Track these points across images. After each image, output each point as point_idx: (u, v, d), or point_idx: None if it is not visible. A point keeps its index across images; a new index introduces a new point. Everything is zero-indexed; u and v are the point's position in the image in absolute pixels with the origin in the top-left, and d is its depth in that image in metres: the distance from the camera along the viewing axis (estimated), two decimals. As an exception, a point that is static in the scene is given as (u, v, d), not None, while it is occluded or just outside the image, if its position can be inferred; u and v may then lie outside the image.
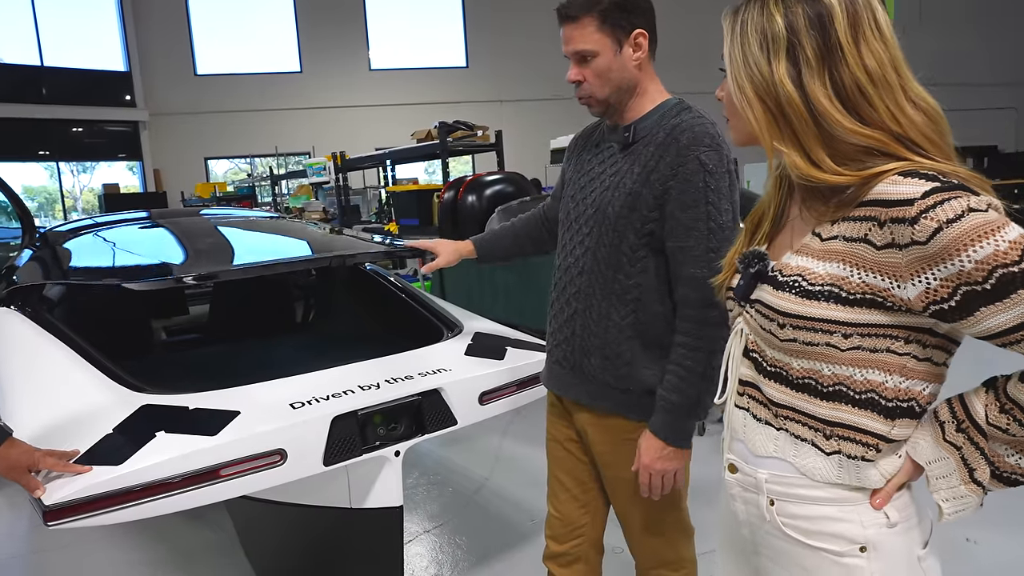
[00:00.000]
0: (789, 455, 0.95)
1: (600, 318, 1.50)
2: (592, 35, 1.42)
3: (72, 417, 1.68)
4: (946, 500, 0.88)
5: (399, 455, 1.83)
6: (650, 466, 1.44)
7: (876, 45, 0.86)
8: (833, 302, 0.86)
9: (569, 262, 1.56)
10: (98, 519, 1.43)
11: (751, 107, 0.90)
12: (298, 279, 3.69)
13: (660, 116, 1.46)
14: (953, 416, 0.88)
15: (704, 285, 1.35)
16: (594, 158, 1.57)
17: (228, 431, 1.60)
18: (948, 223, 0.76)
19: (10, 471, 1.37)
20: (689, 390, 1.40)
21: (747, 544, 1.04)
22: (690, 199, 1.37)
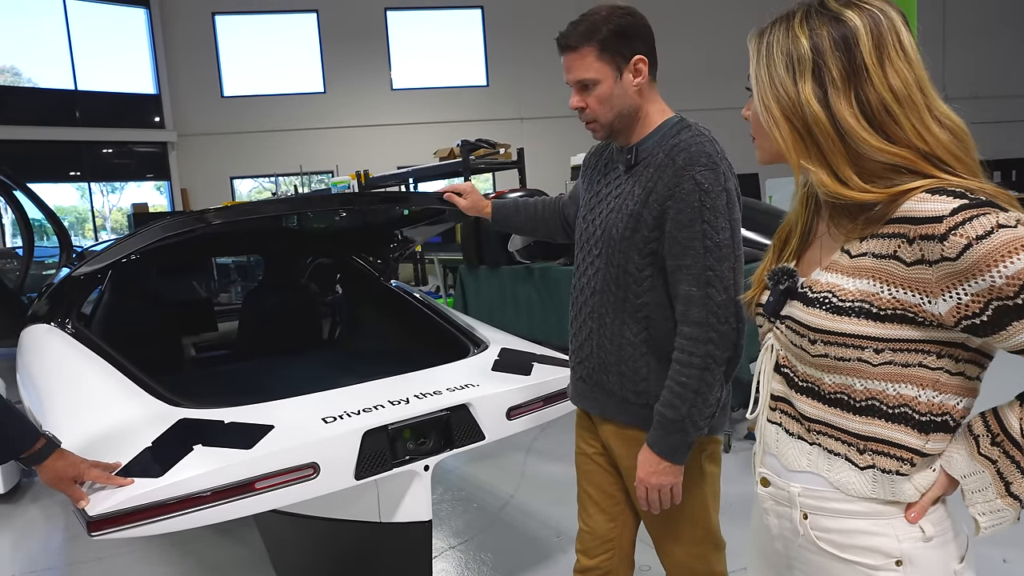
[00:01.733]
0: (822, 469, 0.96)
1: (614, 336, 1.53)
2: (592, 64, 1.46)
3: (112, 430, 1.73)
4: (983, 514, 0.88)
5: (428, 469, 1.85)
6: (646, 480, 1.47)
7: (901, 65, 0.87)
8: (864, 318, 0.87)
9: (583, 282, 1.60)
10: (139, 530, 1.47)
11: (778, 127, 0.92)
12: (325, 296, 3.76)
13: (660, 136, 1.49)
14: (987, 430, 0.88)
15: (699, 302, 1.39)
16: (603, 179, 1.61)
17: (263, 445, 1.64)
18: (978, 239, 0.78)
19: (58, 482, 1.42)
20: (682, 406, 1.41)
21: (780, 558, 1.04)
22: (686, 218, 1.39)
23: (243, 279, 5.60)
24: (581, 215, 1.64)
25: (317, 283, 3.89)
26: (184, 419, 1.74)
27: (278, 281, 3.77)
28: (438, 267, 6.21)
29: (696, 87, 14.20)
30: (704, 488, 1.57)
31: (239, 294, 5.22)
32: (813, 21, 0.90)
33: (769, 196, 10.24)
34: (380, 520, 1.88)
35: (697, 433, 1.45)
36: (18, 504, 3.59)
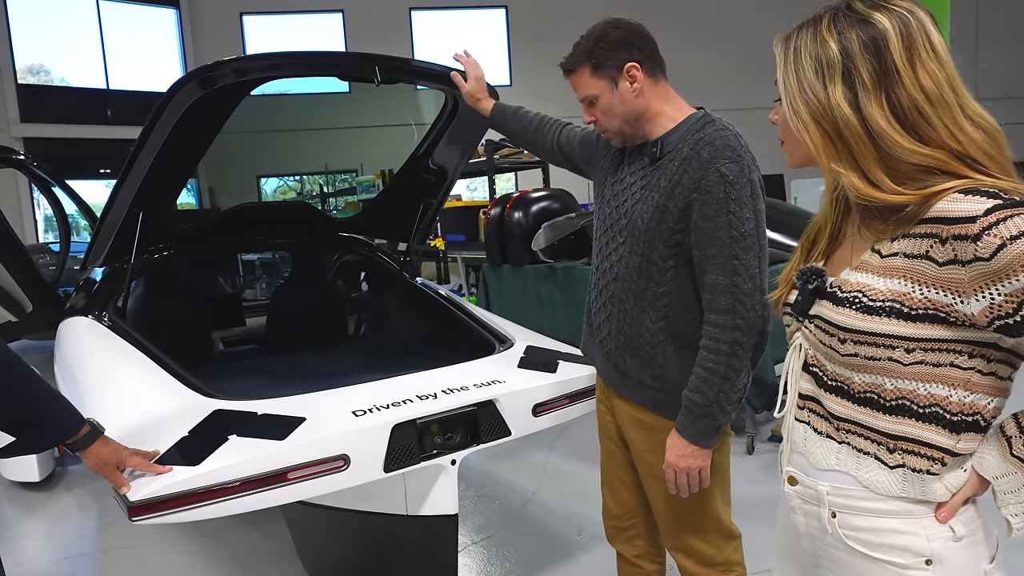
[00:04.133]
0: (851, 468, 0.96)
1: (633, 322, 1.59)
2: (589, 81, 1.57)
3: (150, 420, 1.78)
4: (1015, 515, 0.88)
5: (455, 464, 1.88)
6: (674, 464, 1.53)
7: (932, 66, 0.87)
8: (895, 317, 0.87)
9: (605, 267, 1.66)
10: (177, 516, 1.51)
11: (807, 131, 0.92)
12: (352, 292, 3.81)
13: (685, 131, 1.53)
14: (1020, 431, 0.87)
15: (726, 290, 1.44)
16: (627, 168, 1.65)
17: (296, 436, 1.68)
18: (1012, 240, 0.78)
19: (101, 467, 1.46)
20: (709, 391, 1.47)
21: (807, 557, 1.05)
22: (711, 210, 1.44)
23: (270, 275, 5.70)
24: (604, 199, 1.69)
25: (344, 280, 3.95)
26: (219, 410, 1.79)
27: (306, 277, 3.84)
28: (461, 266, 6.25)
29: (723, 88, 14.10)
30: (713, 478, 1.60)
31: (266, 290, 5.32)
32: (841, 24, 0.90)
33: (795, 197, 10.16)
34: (407, 513, 1.91)
35: (725, 418, 1.49)
36: (52, 492, 3.69)
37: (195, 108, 2.17)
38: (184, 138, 2.32)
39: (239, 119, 2.67)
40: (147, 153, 2.32)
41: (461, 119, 2.78)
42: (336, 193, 10.35)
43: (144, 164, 2.37)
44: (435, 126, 2.93)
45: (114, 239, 2.67)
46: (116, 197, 2.52)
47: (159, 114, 2.18)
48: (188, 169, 2.72)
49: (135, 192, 2.48)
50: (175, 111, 2.17)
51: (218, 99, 2.28)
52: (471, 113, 2.42)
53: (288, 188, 15.21)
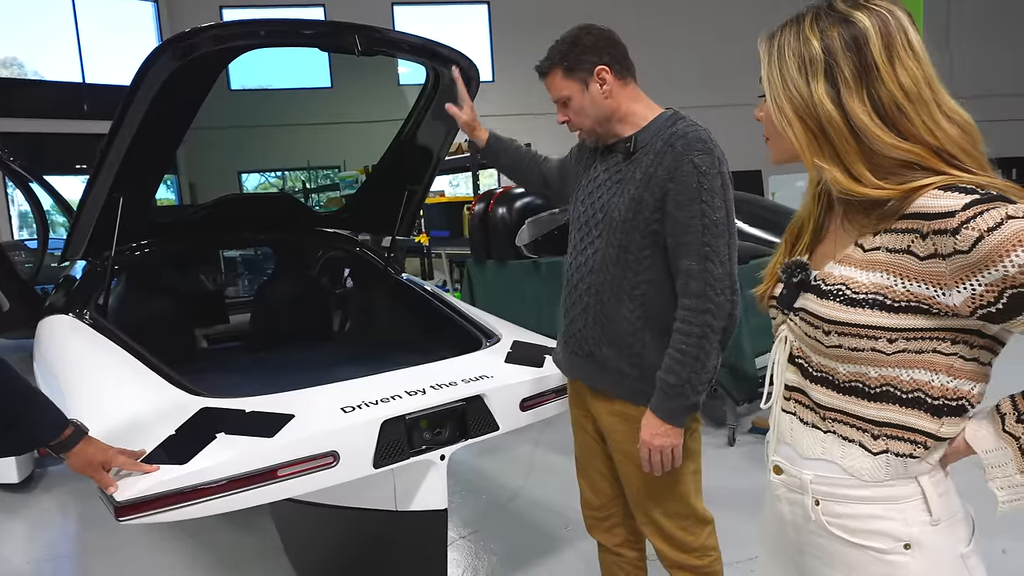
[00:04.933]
0: (836, 456, 0.98)
1: (611, 312, 1.64)
2: (561, 83, 1.66)
3: (135, 419, 1.76)
4: (1002, 488, 0.91)
5: (444, 459, 1.89)
6: (649, 442, 1.60)
7: (910, 63, 0.90)
8: (878, 309, 0.90)
9: (580, 261, 1.70)
10: (165, 515, 1.50)
11: (791, 127, 0.94)
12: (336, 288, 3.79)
13: (657, 127, 1.62)
14: (1015, 409, 0.90)
15: (698, 275, 1.52)
16: (600, 165, 1.72)
17: (284, 433, 1.67)
18: (989, 231, 0.80)
19: (86, 467, 1.45)
20: (682, 372, 1.54)
21: (791, 544, 1.07)
22: (685, 198, 1.52)
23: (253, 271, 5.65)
24: (579, 198, 1.75)
25: (328, 276, 3.93)
26: (205, 408, 1.78)
27: (290, 273, 3.81)
28: (445, 261, 6.24)
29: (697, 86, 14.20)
30: (686, 463, 1.67)
31: (248, 287, 5.27)
32: (823, 23, 0.92)
33: (772, 192, 10.24)
34: (396, 508, 1.92)
35: (695, 398, 1.57)
36: (31, 494, 3.64)
37: (173, 83, 2.12)
38: (163, 118, 2.27)
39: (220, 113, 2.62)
40: (126, 132, 2.26)
41: (443, 96, 2.75)
42: (318, 189, 10.27)
43: (123, 144, 2.31)
44: (418, 104, 2.90)
45: (94, 228, 2.61)
46: (95, 182, 2.46)
47: (136, 88, 2.13)
48: (168, 152, 2.66)
49: (114, 175, 2.41)
50: (152, 84, 2.12)
51: (197, 73, 2.23)
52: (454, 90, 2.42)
53: (269, 184, 15.07)
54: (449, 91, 2.64)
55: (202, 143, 13.67)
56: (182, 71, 2.09)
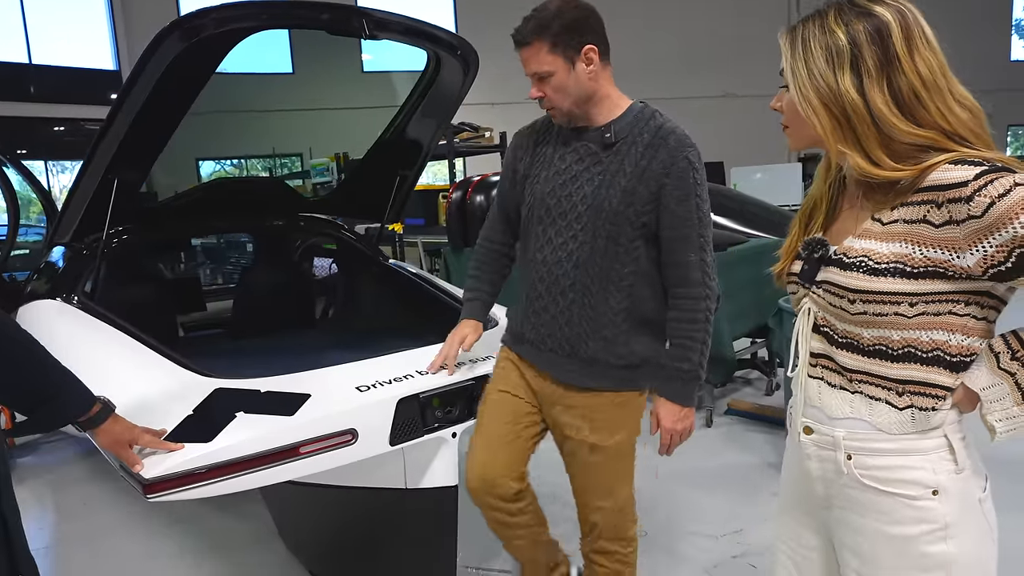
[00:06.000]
0: (864, 414, 1.06)
1: (598, 304, 1.66)
2: (545, 57, 1.57)
3: (149, 399, 1.75)
4: (999, 420, 0.99)
5: (456, 436, 1.93)
6: (672, 428, 1.68)
7: (927, 54, 0.98)
8: (899, 277, 0.98)
9: (560, 256, 1.67)
10: (191, 492, 1.51)
11: (817, 116, 1.01)
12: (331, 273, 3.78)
13: (634, 118, 1.63)
14: (1008, 347, 0.98)
15: (697, 266, 1.61)
16: (567, 156, 1.68)
17: (304, 412, 1.69)
18: (1000, 197, 0.89)
19: (113, 444, 1.45)
20: (695, 356, 1.64)
21: (819, 500, 1.15)
22: (683, 193, 1.58)
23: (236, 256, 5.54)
24: (545, 191, 1.69)
25: (314, 261, 3.91)
26: (221, 388, 1.78)
27: (274, 259, 3.77)
28: (421, 250, 6.24)
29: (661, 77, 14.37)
30: (632, 453, 1.80)
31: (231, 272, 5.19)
32: (847, 16, 1.00)
33: (734, 183, 10.52)
34: (406, 487, 1.96)
35: (702, 379, 1.68)
36: (5, 486, 3.56)
37: (176, 65, 2.11)
38: (162, 100, 2.24)
39: None
40: (125, 114, 2.23)
41: (442, 82, 2.76)
42: (285, 177, 10.09)
43: (122, 126, 2.27)
44: (416, 89, 2.91)
45: (85, 210, 2.56)
46: (90, 164, 2.41)
47: (140, 70, 2.10)
48: (165, 135, 2.63)
49: (111, 157, 2.37)
50: (157, 66, 2.09)
51: (201, 54, 2.22)
52: (452, 76, 2.44)
53: (226, 172, 14.69)
54: (448, 78, 2.67)
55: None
56: (187, 53, 2.07)
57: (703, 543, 2.71)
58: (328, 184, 7.13)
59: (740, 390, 4.56)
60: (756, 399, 4.29)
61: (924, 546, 1.02)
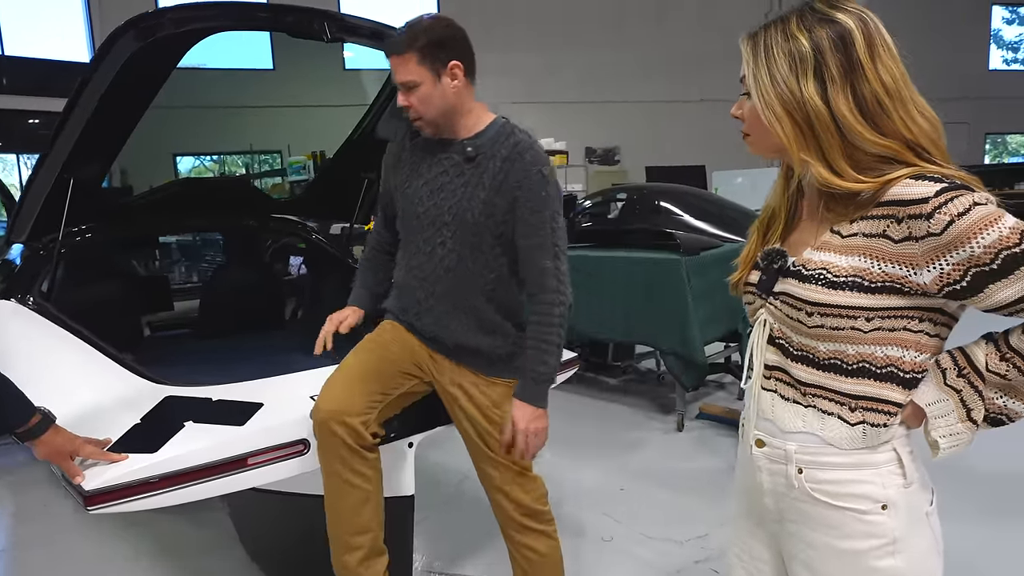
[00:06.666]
0: (816, 428, 1.04)
1: (469, 309, 1.77)
2: (414, 68, 1.66)
3: (97, 408, 1.72)
4: (943, 436, 0.99)
5: (412, 446, 1.91)
6: (527, 429, 1.73)
7: (889, 62, 0.96)
8: (857, 291, 0.97)
9: (434, 261, 1.78)
10: (134, 504, 1.48)
11: (780, 123, 0.99)
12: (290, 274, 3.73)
13: (495, 134, 1.74)
14: (955, 364, 0.99)
15: (552, 273, 1.70)
16: (434, 167, 1.78)
17: (254, 421, 1.67)
18: (959, 216, 0.89)
19: (53, 455, 1.42)
20: (551, 360, 1.72)
21: (770, 512, 1.13)
22: (536, 205, 1.69)
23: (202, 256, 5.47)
24: (415, 200, 1.79)
25: (281, 262, 3.87)
26: (171, 396, 1.75)
27: (241, 259, 3.73)
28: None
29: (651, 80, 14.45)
30: None
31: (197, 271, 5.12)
32: (808, 22, 0.97)
33: (715, 187, 10.59)
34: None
35: (554, 381, 1.77)
36: (-39, 488, 3.48)
37: (133, 64, 2.07)
38: (120, 97, 2.20)
39: None
40: (81, 112, 2.19)
41: None
42: (264, 174, 10.01)
43: (77, 124, 2.23)
44: (384, 90, 2.89)
45: (40, 210, 2.51)
46: (44, 162, 2.37)
47: (95, 68, 2.07)
48: (123, 133, 2.58)
49: (67, 155, 2.33)
50: (112, 64, 2.06)
51: (156, 53, 2.18)
52: None
53: (205, 168, 14.53)
54: None
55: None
56: (144, 52, 2.03)
57: (667, 548, 2.72)
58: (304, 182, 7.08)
59: (712, 394, 4.59)
60: (728, 403, 4.31)
61: (873, 561, 1.02)
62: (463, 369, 1.82)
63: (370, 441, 1.73)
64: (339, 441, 1.68)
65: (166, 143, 13.26)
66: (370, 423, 1.73)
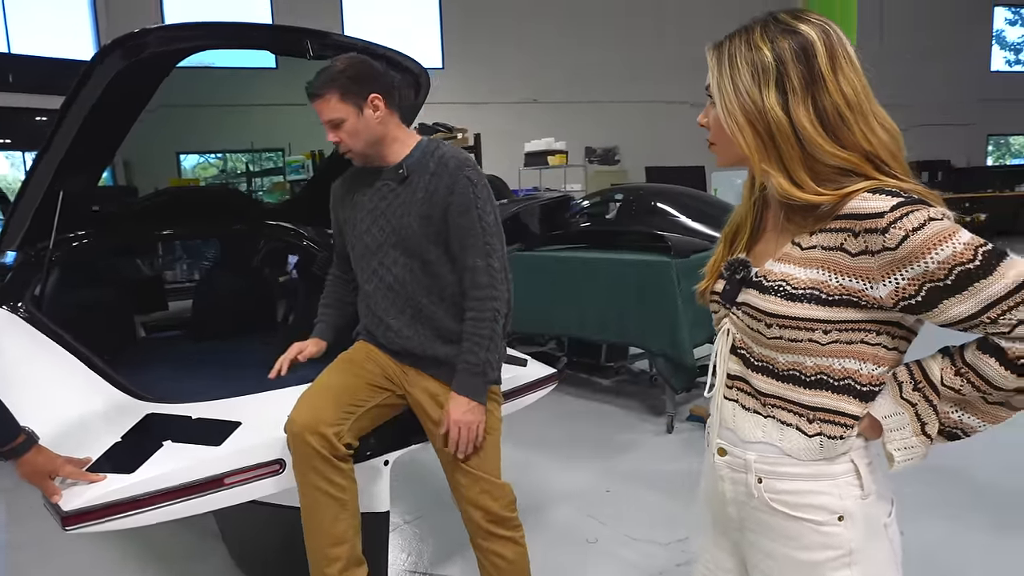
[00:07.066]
0: (775, 439, 1.06)
1: (432, 315, 1.84)
2: (336, 106, 1.76)
3: (80, 424, 1.77)
4: (898, 450, 1.00)
5: (388, 464, 1.95)
6: (459, 420, 1.78)
7: (851, 75, 0.97)
8: (814, 303, 0.98)
9: (388, 281, 1.86)
10: (111, 524, 1.53)
11: (742, 133, 0.99)
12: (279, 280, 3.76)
13: (422, 152, 1.83)
14: (911, 377, 0.99)
15: (483, 270, 1.76)
16: (373, 196, 1.88)
17: (231, 442, 1.71)
18: (914, 231, 0.89)
19: (33, 475, 1.46)
20: (480, 352, 1.78)
21: (732, 521, 1.15)
22: (464, 207, 1.76)
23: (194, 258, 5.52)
24: (362, 230, 1.89)
25: (272, 266, 3.90)
26: (152, 414, 1.79)
27: (233, 263, 3.77)
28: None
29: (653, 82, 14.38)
30: (490, 438, 1.87)
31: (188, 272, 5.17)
32: (772, 33, 0.98)
33: (714, 188, 10.56)
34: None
35: (493, 375, 1.81)
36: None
37: (119, 80, 2.12)
38: (107, 112, 2.25)
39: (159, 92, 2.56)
40: (68, 127, 2.24)
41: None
42: (263, 173, 10.05)
43: (65, 139, 2.28)
44: None
45: (31, 220, 2.56)
46: (34, 174, 2.42)
47: (81, 85, 2.11)
48: (111, 146, 2.63)
49: (55, 169, 2.38)
50: (98, 82, 2.11)
51: (143, 71, 2.22)
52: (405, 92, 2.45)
53: (209, 165, 14.59)
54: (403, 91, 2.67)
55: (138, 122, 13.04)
56: (129, 69, 2.07)
57: (650, 549, 2.76)
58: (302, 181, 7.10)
59: (702, 396, 4.58)
60: (719, 406, 4.34)
61: (830, 572, 1.03)
62: (431, 379, 1.88)
63: (343, 451, 1.78)
64: (312, 451, 1.73)
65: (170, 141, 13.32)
66: (343, 434, 1.78)
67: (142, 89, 2.38)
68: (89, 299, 3.14)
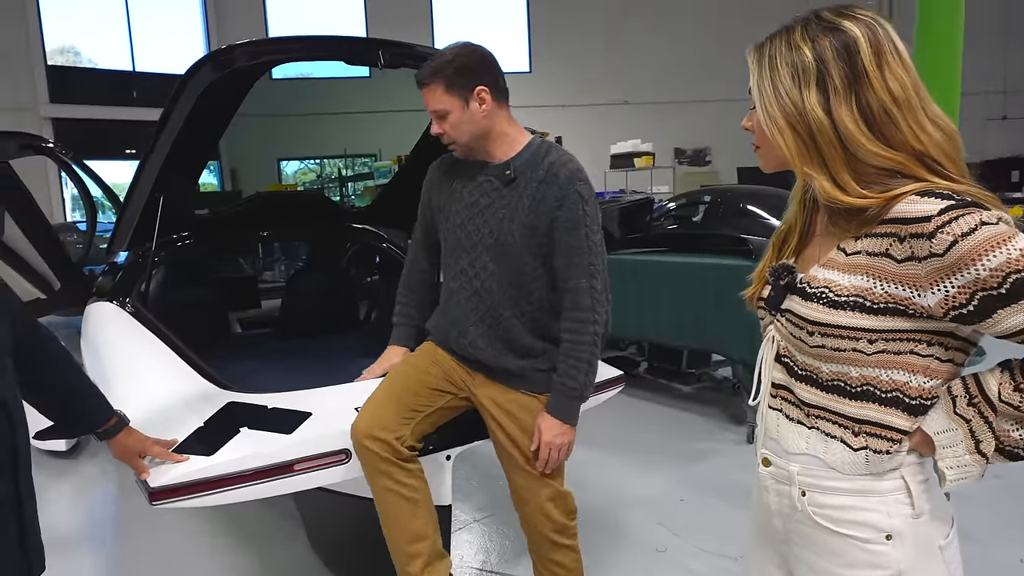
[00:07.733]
0: (819, 451, 1.01)
1: (512, 327, 1.81)
2: (441, 97, 1.71)
3: (169, 409, 1.92)
4: (950, 468, 0.93)
5: (450, 459, 1.99)
6: (551, 442, 1.77)
7: (899, 70, 0.92)
8: (858, 311, 0.93)
9: (475, 287, 1.82)
10: (192, 501, 1.65)
11: (783, 136, 0.96)
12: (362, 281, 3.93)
13: (532, 155, 1.75)
14: (966, 391, 0.93)
15: (586, 292, 1.72)
16: (475, 190, 1.81)
17: (301, 431, 1.80)
18: (963, 236, 0.84)
19: (124, 454, 1.59)
20: (579, 376, 1.74)
21: (778, 533, 1.10)
22: (572, 225, 1.71)
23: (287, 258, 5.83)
24: (456, 223, 1.84)
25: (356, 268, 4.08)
26: (232, 403, 1.92)
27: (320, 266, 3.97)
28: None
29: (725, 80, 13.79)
30: None
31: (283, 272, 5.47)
32: (813, 32, 0.95)
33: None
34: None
35: (588, 397, 1.80)
36: (77, 461, 3.92)
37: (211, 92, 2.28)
38: (202, 121, 2.42)
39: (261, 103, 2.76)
40: (166, 138, 2.43)
41: None
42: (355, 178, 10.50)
43: (163, 149, 2.47)
44: None
45: (136, 225, 2.80)
46: (138, 183, 2.64)
47: (177, 97, 2.29)
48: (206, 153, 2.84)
49: (155, 177, 2.59)
50: (192, 94, 2.27)
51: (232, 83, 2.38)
52: None
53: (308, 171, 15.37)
54: None
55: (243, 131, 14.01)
56: (220, 82, 2.23)
57: (720, 563, 2.67)
58: (389, 186, 7.34)
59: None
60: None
61: None
62: (499, 386, 1.86)
63: (407, 453, 1.81)
64: (375, 455, 1.78)
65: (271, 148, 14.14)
66: (404, 437, 1.81)
67: (230, 100, 2.55)
68: (189, 296, 3.40)
